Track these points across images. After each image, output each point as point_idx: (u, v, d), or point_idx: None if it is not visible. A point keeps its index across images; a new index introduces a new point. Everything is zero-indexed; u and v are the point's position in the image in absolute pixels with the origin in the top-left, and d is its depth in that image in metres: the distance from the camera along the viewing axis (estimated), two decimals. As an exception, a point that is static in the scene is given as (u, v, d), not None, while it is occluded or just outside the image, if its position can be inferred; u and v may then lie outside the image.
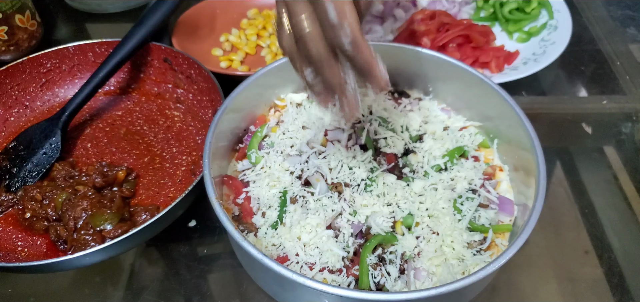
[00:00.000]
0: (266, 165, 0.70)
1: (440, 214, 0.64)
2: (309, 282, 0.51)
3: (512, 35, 1.03)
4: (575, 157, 0.83)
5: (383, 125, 0.75)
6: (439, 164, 0.71)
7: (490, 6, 1.07)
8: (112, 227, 0.66)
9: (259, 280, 0.65)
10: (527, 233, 0.55)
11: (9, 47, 0.97)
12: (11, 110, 0.87)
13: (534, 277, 0.68)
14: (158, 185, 0.77)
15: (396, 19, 1.06)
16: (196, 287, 0.67)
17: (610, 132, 0.87)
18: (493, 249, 0.63)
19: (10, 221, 0.72)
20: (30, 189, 0.72)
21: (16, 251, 0.69)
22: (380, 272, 0.60)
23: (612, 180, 0.80)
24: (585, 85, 0.97)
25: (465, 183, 0.68)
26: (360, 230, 0.64)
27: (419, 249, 0.62)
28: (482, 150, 0.75)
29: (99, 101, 0.90)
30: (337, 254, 0.60)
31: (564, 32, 0.97)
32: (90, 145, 0.83)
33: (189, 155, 0.81)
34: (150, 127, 0.86)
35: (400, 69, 0.81)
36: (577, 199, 0.77)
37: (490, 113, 0.74)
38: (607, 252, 0.70)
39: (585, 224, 0.74)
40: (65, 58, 0.89)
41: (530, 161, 0.64)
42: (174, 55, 0.87)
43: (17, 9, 0.95)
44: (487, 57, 0.94)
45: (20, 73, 0.86)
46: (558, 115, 0.91)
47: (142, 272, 0.69)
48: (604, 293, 0.66)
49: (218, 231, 0.73)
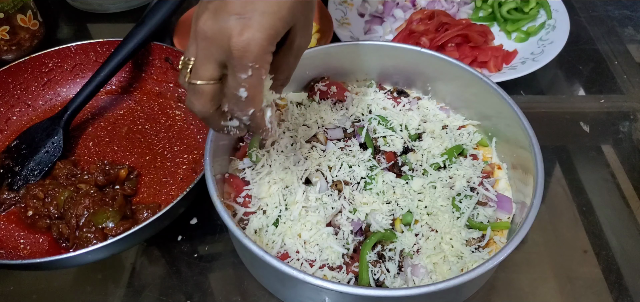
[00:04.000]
0: (267, 163, 0.70)
1: (439, 212, 0.65)
2: (309, 278, 0.51)
3: (511, 35, 1.04)
4: (573, 155, 0.84)
5: (382, 124, 0.76)
6: (437, 162, 0.71)
7: (488, 6, 1.07)
8: (114, 225, 0.67)
9: (260, 277, 0.66)
10: (525, 230, 0.55)
11: (11, 46, 0.98)
12: (13, 109, 0.87)
13: (532, 276, 0.68)
14: (159, 183, 0.77)
15: (395, 19, 1.07)
16: (197, 285, 0.67)
17: (608, 131, 0.88)
18: (491, 246, 0.64)
19: (12, 219, 0.73)
20: (33, 187, 0.73)
21: (18, 249, 0.69)
22: (379, 269, 0.60)
23: (609, 178, 0.80)
24: (583, 84, 0.97)
25: (464, 181, 0.69)
26: (360, 227, 0.64)
27: (418, 246, 0.63)
28: (481, 148, 0.76)
29: (101, 100, 0.91)
30: (337, 251, 0.61)
31: (562, 31, 0.98)
32: (92, 144, 0.84)
33: (190, 154, 0.81)
34: (152, 126, 0.86)
35: (400, 68, 0.81)
36: (575, 197, 0.77)
37: (489, 112, 0.74)
38: (605, 250, 0.71)
39: (583, 222, 0.74)
40: (67, 57, 0.90)
41: (529, 159, 0.64)
42: (175, 54, 0.88)
43: (19, 9, 0.95)
44: (486, 57, 0.95)
45: (22, 72, 0.87)
46: (556, 114, 0.92)
47: (144, 269, 0.70)
48: (602, 291, 0.67)
49: (219, 229, 0.73)
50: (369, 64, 0.82)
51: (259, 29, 0.45)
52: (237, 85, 0.47)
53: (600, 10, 1.14)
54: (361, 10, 1.09)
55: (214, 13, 0.46)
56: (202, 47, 0.48)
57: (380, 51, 0.80)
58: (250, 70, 0.46)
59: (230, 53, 0.46)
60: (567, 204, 0.77)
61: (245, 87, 0.47)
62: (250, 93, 0.48)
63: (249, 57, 0.45)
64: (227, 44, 0.45)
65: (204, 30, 0.47)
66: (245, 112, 0.50)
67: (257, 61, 0.46)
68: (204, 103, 0.50)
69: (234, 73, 0.47)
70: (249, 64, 0.46)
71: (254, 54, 0.45)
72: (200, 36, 0.47)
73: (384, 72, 0.83)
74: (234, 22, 0.45)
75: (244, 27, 0.45)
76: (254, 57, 0.45)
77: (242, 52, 0.45)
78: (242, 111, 0.49)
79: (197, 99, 0.50)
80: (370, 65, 0.82)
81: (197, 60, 0.49)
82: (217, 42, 0.46)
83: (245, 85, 0.47)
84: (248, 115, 0.50)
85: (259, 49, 0.45)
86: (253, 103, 0.49)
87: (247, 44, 0.45)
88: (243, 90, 0.47)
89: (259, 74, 0.47)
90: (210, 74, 0.48)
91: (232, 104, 0.50)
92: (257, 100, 0.49)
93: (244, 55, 0.45)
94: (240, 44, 0.45)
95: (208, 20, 0.47)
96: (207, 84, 0.49)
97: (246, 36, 0.45)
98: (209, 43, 0.47)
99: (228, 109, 0.51)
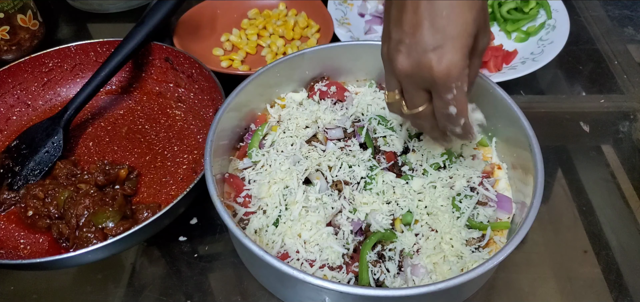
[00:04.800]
0: (267, 163, 0.70)
1: (439, 212, 0.65)
2: (309, 278, 0.51)
3: (511, 35, 1.04)
4: (573, 155, 0.84)
5: (382, 124, 0.76)
6: (437, 162, 0.71)
7: (488, 6, 1.07)
8: (114, 225, 0.67)
9: (260, 277, 0.66)
10: (525, 230, 0.55)
11: (11, 46, 0.98)
12: (13, 109, 0.87)
13: (532, 276, 0.68)
14: (159, 183, 0.77)
15: (396, 19, 1.06)
16: (197, 285, 0.67)
17: (608, 131, 0.88)
18: (491, 246, 0.64)
19: (12, 219, 0.73)
20: (33, 187, 0.73)
21: (19, 249, 0.69)
22: (379, 269, 0.60)
23: (609, 178, 0.80)
24: (583, 84, 0.97)
25: (464, 181, 0.69)
26: (359, 227, 0.64)
27: (418, 246, 0.63)
28: (481, 148, 0.76)
29: (101, 100, 0.91)
30: (337, 251, 0.61)
31: (562, 31, 0.98)
32: (92, 144, 0.84)
33: (190, 153, 0.81)
34: (152, 126, 0.86)
35: (400, 68, 0.81)
36: (575, 197, 0.77)
37: (489, 112, 0.74)
38: (604, 250, 0.71)
39: (583, 222, 0.74)
40: (67, 57, 0.90)
41: (529, 159, 0.64)
42: (175, 54, 0.88)
43: (19, 9, 0.95)
44: (486, 57, 0.95)
45: (22, 72, 0.87)
46: (556, 114, 0.92)
47: (144, 269, 0.70)
48: (602, 291, 0.67)
49: (219, 229, 0.73)
50: (369, 64, 0.82)
51: (454, 53, 0.49)
52: (446, 105, 0.52)
53: (600, 10, 1.14)
54: (361, 10, 1.09)
55: (408, 52, 0.51)
56: (407, 82, 0.53)
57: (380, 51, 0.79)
58: (454, 89, 0.50)
59: (434, 81, 0.50)
60: (567, 204, 0.77)
61: (453, 105, 0.51)
62: (459, 107, 0.52)
63: (452, 80, 0.50)
64: (429, 75, 0.50)
65: (404, 70, 0.52)
66: (458, 123, 0.54)
67: (459, 79, 0.50)
68: (431, 122, 0.57)
69: (440, 96, 0.51)
70: (452, 85, 0.50)
71: (455, 76, 0.50)
72: (402, 75, 0.53)
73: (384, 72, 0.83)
74: (431, 55, 0.49)
75: (441, 56, 0.49)
76: (456, 78, 0.50)
77: (445, 78, 0.49)
78: (455, 124, 0.54)
79: (425, 122, 0.57)
80: (370, 65, 0.82)
81: (408, 93, 0.55)
82: (420, 75, 0.51)
83: (453, 103, 0.51)
84: (461, 125, 0.54)
85: (458, 70, 0.50)
86: (463, 113, 0.53)
87: (448, 70, 0.49)
88: (452, 107, 0.52)
89: (462, 89, 0.51)
90: (423, 99, 0.54)
91: (443, 121, 0.54)
92: (465, 111, 0.53)
93: (447, 80, 0.50)
94: (441, 72, 0.49)
95: (404, 61, 0.51)
96: (425, 108, 0.55)
97: (445, 63, 0.49)
98: (413, 78, 0.52)
99: (441, 125, 0.56)
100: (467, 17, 0.49)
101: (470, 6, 0.49)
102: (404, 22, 0.50)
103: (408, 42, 0.50)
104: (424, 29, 0.49)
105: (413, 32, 0.50)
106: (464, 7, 0.49)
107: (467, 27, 0.49)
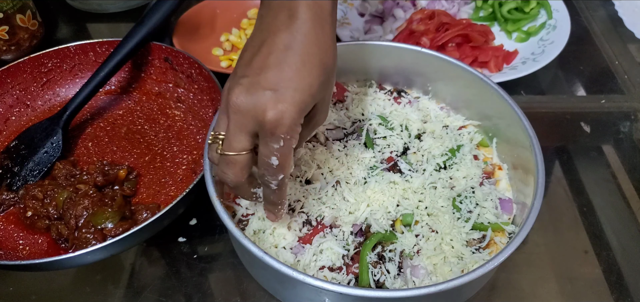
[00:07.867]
0: (266, 164, 0.70)
1: (440, 213, 0.65)
2: (309, 279, 0.51)
3: (511, 35, 1.03)
4: (573, 156, 0.84)
5: (382, 124, 0.76)
6: (438, 162, 0.71)
7: (489, 6, 1.07)
8: (113, 226, 0.67)
9: (260, 278, 0.66)
10: (525, 231, 0.55)
11: (10, 46, 0.98)
12: (12, 109, 0.87)
13: (533, 276, 0.68)
14: (159, 184, 0.77)
15: (395, 19, 1.06)
16: (197, 286, 0.67)
17: (608, 131, 0.88)
18: (492, 247, 0.63)
19: (11, 220, 0.73)
20: (32, 187, 0.72)
21: (18, 250, 0.69)
22: (380, 270, 0.60)
23: (610, 179, 0.80)
24: (583, 84, 0.97)
25: (465, 182, 0.69)
26: (360, 228, 0.64)
27: (418, 247, 0.62)
28: (481, 149, 0.75)
29: (100, 100, 0.91)
30: (337, 252, 0.61)
31: (562, 31, 0.98)
32: (91, 144, 0.84)
33: (190, 154, 0.81)
34: (151, 126, 0.86)
35: (400, 68, 0.81)
36: (575, 198, 0.77)
37: (489, 112, 0.74)
38: (605, 250, 0.71)
39: (583, 222, 0.74)
40: (66, 58, 0.90)
41: (529, 160, 0.64)
42: (174, 54, 0.88)
43: (18, 9, 0.95)
44: (486, 57, 0.94)
45: (21, 72, 0.87)
46: (557, 114, 0.91)
47: (143, 270, 0.70)
48: (603, 292, 0.67)
49: (218, 230, 0.73)
50: (369, 64, 0.82)
51: (292, 104, 0.48)
52: (270, 154, 0.51)
53: (601, 10, 1.14)
54: (361, 10, 1.09)
55: (248, 88, 0.49)
56: (235, 119, 0.50)
57: (381, 51, 0.79)
58: (282, 141, 0.49)
59: (264, 125, 0.49)
60: (568, 204, 0.76)
61: (277, 156, 0.51)
62: (281, 161, 0.51)
63: (282, 129, 0.49)
64: (261, 117, 0.49)
65: (237, 104, 0.50)
66: (276, 178, 0.53)
67: (289, 133, 0.49)
68: (237, 172, 0.53)
69: (267, 143, 0.50)
70: (281, 135, 0.49)
71: (287, 126, 0.49)
72: (233, 109, 0.50)
73: (384, 72, 0.83)
74: (269, 97, 0.48)
75: (278, 101, 0.48)
76: (287, 130, 0.49)
77: (276, 124, 0.48)
78: (273, 177, 0.53)
79: (230, 170, 0.53)
80: (370, 65, 0.82)
81: (230, 132, 0.51)
82: (251, 114, 0.49)
83: (278, 154, 0.50)
84: (278, 180, 0.53)
85: (291, 122, 0.49)
86: (283, 169, 0.52)
87: (281, 117, 0.48)
88: (275, 158, 0.51)
89: (289, 144, 0.50)
90: (242, 145, 0.51)
91: (263, 170, 0.53)
92: (287, 167, 0.52)
93: (277, 127, 0.48)
94: (274, 117, 0.48)
95: (241, 95, 0.49)
96: (239, 154, 0.52)
97: (280, 109, 0.48)
98: (243, 116, 0.50)
99: (259, 174, 0.54)
100: (314, 81, 0.50)
101: (319, 75, 0.50)
102: (253, 63, 0.51)
103: (251, 79, 0.50)
104: (270, 72, 0.49)
105: (259, 72, 0.50)
106: (313, 71, 0.50)
107: (311, 89, 0.50)
